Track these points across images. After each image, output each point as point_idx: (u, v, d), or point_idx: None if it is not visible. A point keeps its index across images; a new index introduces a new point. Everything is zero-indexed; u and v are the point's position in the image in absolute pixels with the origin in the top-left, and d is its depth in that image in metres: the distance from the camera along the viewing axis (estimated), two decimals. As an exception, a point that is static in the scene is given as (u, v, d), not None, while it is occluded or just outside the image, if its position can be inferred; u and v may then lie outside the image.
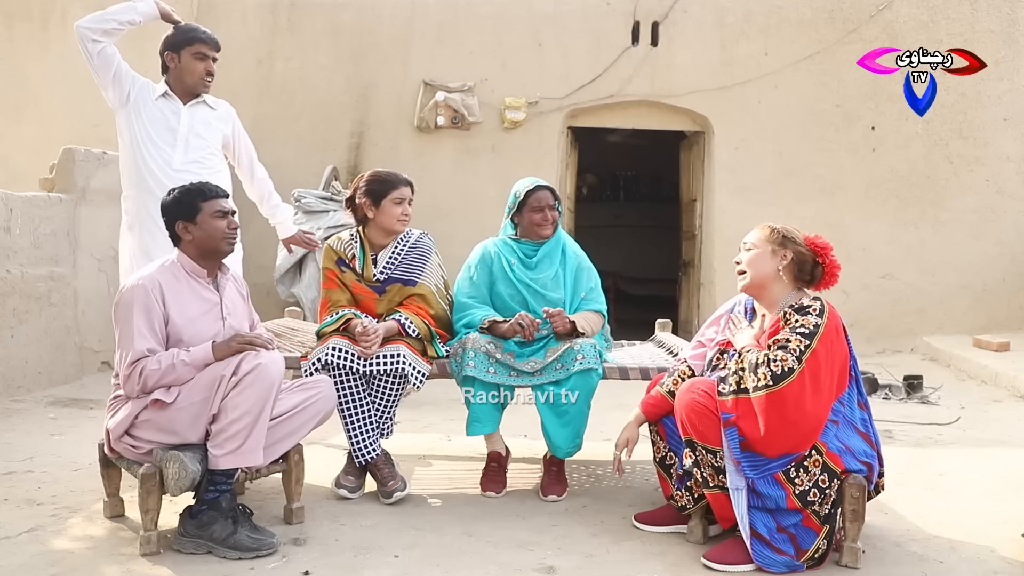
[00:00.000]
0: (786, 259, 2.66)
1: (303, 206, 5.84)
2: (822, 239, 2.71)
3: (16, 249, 4.74)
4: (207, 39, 3.57)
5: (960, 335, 6.53)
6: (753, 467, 2.52)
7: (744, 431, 2.52)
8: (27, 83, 7.08)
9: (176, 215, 2.74)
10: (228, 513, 2.61)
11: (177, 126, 3.55)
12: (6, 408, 4.45)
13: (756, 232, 2.74)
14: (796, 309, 2.60)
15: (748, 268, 2.71)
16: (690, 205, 7.44)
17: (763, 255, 2.69)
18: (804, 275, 2.69)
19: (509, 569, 2.55)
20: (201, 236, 2.73)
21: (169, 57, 3.56)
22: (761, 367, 2.50)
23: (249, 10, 6.87)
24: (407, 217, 3.31)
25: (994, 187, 6.69)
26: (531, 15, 6.80)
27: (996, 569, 2.60)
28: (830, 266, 2.67)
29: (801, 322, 2.55)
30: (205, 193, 2.76)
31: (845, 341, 2.63)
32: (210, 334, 2.72)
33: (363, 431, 3.15)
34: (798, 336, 2.52)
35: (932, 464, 3.73)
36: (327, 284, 3.31)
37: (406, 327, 3.19)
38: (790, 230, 2.71)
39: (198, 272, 2.77)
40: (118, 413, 2.67)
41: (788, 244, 2.67)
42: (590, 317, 3.32)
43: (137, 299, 2.64)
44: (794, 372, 2.47)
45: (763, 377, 2.48)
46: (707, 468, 2.60)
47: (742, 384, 2.55)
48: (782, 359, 2.48)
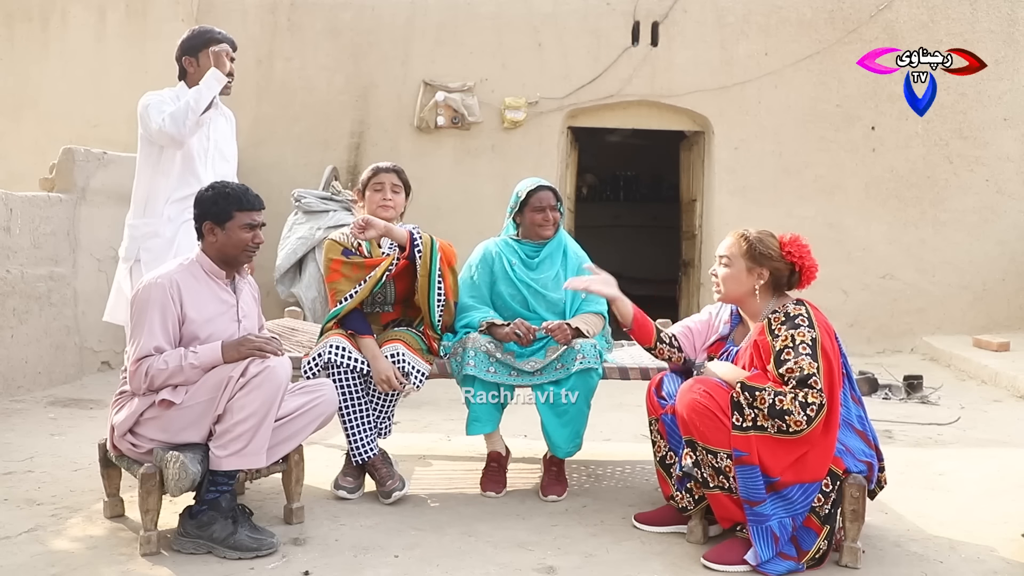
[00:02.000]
0: (763, 278, 2.64)
1: (303, 206, 5.83)
2: (797, 241, 2.66)
3: (16, 249, 4.74)
4: (224, 38, 3.45)
5: (960, 335, 6.53)
6: (787, 507, 2.48)
7: (768, 468, 2.46)
8: (27, 83, 7.08)
9: (207, 215, 2.73)
10: (228, 513, 2.62)
11: (207, 141, 3.45)
12: (6, 408, 4.45)
13: (729, 243, 2.70)
14: (783, 320, 2.57)
15: (723, 286, 2.69)
16: (690, 205, 7.44)
17: (738, 274, 2.66)
18: (781, 286, 2.68)
19: (509, 569, 2.55)
20: (225, 242, 2.73)
21: (188, 62, 3.43)
22: (791, 415, 2.42)
23: (249, 10, 6.87)
24: (388, 203, 3.31)
25: (994, 187, 6.69)
26: (531, 15, 6.80)
27: (996, 569, 2.60)
28: (807, 270, 2.65)
29: (798, 339, 2.50)
30: (242, 203, 2.74)
31: (835, 340, 2.61)
32: (225, 335, 2.72)
33: (361, 430, 3.15)
34: (806, 359, 2.46)
35: (932, 464, 3.73)
36: (332, 277, 3.28)
37: (413, 236, 3.19)
38: (765, 241, 2.65)
39: (216, 273, 2.77)
40: (123, 410, 2.67)
41: (763, 261, 2.63)
42: (590, 319, 3.32)
43: (154, 297, 2.63)
44: (824, 407, 2.44)
45: (795, 424, 2.42)
46: (707, 468, 2.59)
47: (758, 423, 2.47)
48: (812, 398, 2.42)
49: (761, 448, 2.47)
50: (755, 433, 2.47)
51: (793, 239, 2.67)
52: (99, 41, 7.02)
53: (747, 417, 2.48)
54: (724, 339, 2.83)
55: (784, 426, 2.44)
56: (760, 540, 2.49)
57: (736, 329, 2.83)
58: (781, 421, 2.43)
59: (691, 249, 7.40)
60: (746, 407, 2.49)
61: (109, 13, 7.00)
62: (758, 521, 2.48)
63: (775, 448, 2.46)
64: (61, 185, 5.23)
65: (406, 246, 3.21)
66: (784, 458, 2.46)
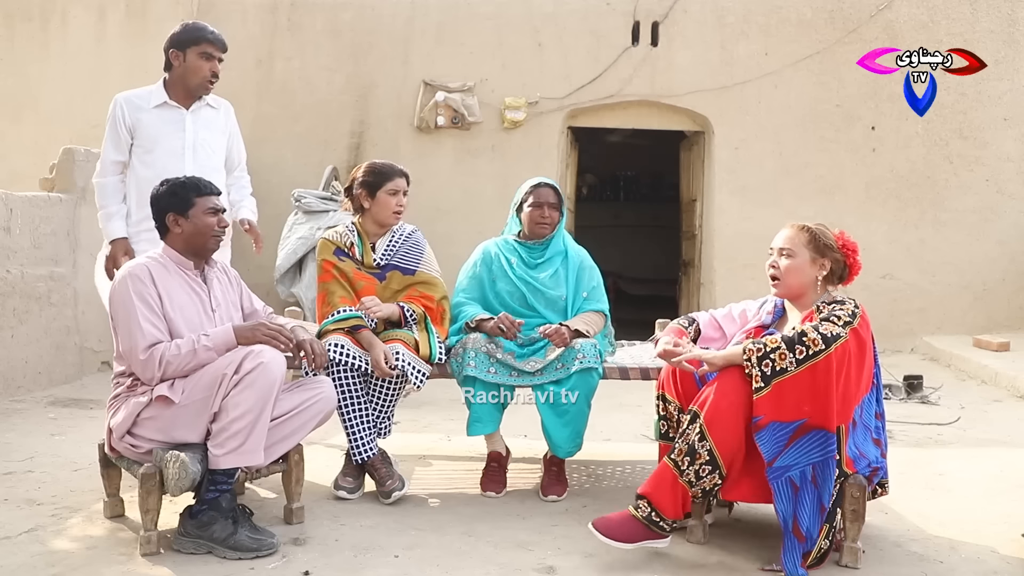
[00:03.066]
0: (825, 268, 2.65)
1: (303, 206, 5.83)
2: (850, 238, 2.69)
3: (16, 249, 4.74)
4: (215, 39, 3.47)
5: (960, 335, 6.53)
6: (807, 454, 2.47)
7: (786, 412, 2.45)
8: (27, 83, 7.08)
9: (168, 207, 2.74)
10: (228, 513, 2.61)
11: (183, 134, 3.48)
12: (6, 408, 4.44)
13: (789, 235, 2.68)
14: (830, 303, 2.59)
15: (786, 277, 2.67)
16: (690, 205, 7.44)
17: (802, 265, 2.65)
18: (835, 278, 2.69)
19: (509, 569, 2.55)
20: (191, 231, 2.74)
21: (174, 55, 3.46)
22: (806, 335, 2.43)
23: (249, 10, 6.87)
24: (402, 208, 3.31)
25: (994, 187, 6.69)
26: (531, 15, 6.80)
27: (996, 569, 2.60)
28: (856, 267, 2.69)
29: (839, 309, 2.53)
30: (200, 188, 2.76)
31: (871, 343, 2.61)
32: (198, 325, 2.72)
33: (361, 429, 3.15)
34: (837, 316, 2.50)
35: (932, 464, 3.73)
36: (323, 277, 3.29)
37: (405, 310, 3.22)
38: (827, 234, 2.67)
39: (184, 264, 2.77)
40: (119, 412, 2.67)
41: (827, 252, 2.64)
42: (591, 317, 3.32)
43: (131, 287, 2.63)
44: (841, 337, 2.44)
45: (812, 344, 2.42)
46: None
47: (776, 367, 2.46)
48: (827, 327, 2.45)
49: (777, 398, 2.45)
50: (775, 380, 2.45)
51: (843, 233, 2.70)
52: (99, 41, 7.02)
53: (755, 379, 2.48)
54: (765, 327, 2.79)
55: (804, 351, 2.44)
56: (780, 495, 2.47)
57: (777, 321, 2.80)
58: (800, 345, 2.44)
59: (691, 249, 7.40)
60: (756, 366, 2.48)
61: (109, 13, 7.01)
62: (776, 476, 2.48)
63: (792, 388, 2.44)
64: (61, 185, 5.23)
65: (399, 321, 3.23)
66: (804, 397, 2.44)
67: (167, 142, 3.46)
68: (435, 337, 3.24)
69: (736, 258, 6.64)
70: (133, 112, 3.46)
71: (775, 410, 2.47)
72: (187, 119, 3.50)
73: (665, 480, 2.58)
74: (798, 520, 2.48)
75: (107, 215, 3.48)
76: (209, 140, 3.56)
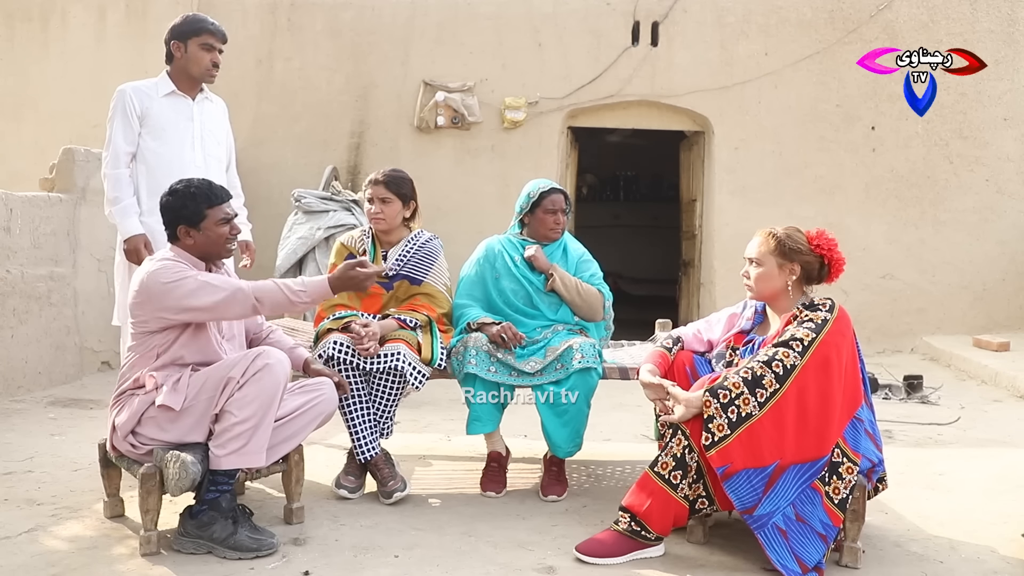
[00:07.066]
0: (795, 273, 2.65)
1: (303, 206, 5.83)
2: (825, 236, 2.68)
3: (16, 249, 4.74)
4: (215, 30, 3.52)
5: (960, 335, 6.53)
6: (784, 496, 2.45)
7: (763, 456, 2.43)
8: (27, 83, 7.08)
9: (180, 219, 2.72)
10: (228, 513, 2.61)
11: (192, 123, 3.52)
12: (6, 408, 4.44)
13: (759, 242, 2.69)
14: (807, 306, 2.61)
15: (756, 285, 2.69)
16: (690, 205, 7.44)
17: (770, 273, 2.66)
18: (812, 280, 2.69)
19: (509, 569, 2.55)
20: (204, 241, 2.74)
21: (175, 46, 3.50)
22: (765, 376, 2.44)
23: (249, 10, 6.87)
24: (379, 216, 3.32)
25: (994, 187, 6.69)
26: (531, 15, 6.80)
27: (996, 569, 2.60)
28: (836, 263, 2.67)
29: (810, 317, 2.55)
30: (211, 199, 2.74)
31: (854, 343, 2.61)
32: (205, 329, 2.73)
33: (363, 428, 3.15)
34: (804, 330, 2.50)
35: (932, 464, 3.73)
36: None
37: (405, 320, 3.22)
38: (793, 237, 2.66)
39: (197, 265, 2.78)
40: (124, 410, 2.67)
41: (794, 256, 2.64)
42: (586, 288, 3.36)
43: (170, 267, 2.64)
44: (796, 368, 2.44)
45: (769, 385, 2.43)
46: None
47: (741, 413, 2.45)
48: (783, 356, 2.46)
49: (746, 444, 2.43)
50: (739, 429, 2.43)
51: (820, 232, 2.69)
52: (99, 41, 7.02)
53: (718, 428, 2.45)
54: (746, 332, 2.81)
55: (764, 392, 2.43)
56: (771, 544, 2.45)
57: (758, 326, 2.81)
58: (760, 388, 2.44)
59: (691, 249, 7.40)
60: (718, 415, 2.45)
61: (109, 13, 7.01)
62: (760, 525, 2.47)
63: (765, 430, 2.43)
64: (61, 185, 5.23)
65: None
66: (778, 436, 2.43)
67: (177, 130, 3.50)
68: (438, 342, 3.24)
69: (736, 258, 6.59)
70: (143, 100, 3.47)
71: (745, 457, 2.44)
72: (194, 108, 3.55)
73: (654, 495, 2.57)
74: (803, 561, 2.44)
75: (123, 210, 3.42)
76: (214, 131, 3.62)
